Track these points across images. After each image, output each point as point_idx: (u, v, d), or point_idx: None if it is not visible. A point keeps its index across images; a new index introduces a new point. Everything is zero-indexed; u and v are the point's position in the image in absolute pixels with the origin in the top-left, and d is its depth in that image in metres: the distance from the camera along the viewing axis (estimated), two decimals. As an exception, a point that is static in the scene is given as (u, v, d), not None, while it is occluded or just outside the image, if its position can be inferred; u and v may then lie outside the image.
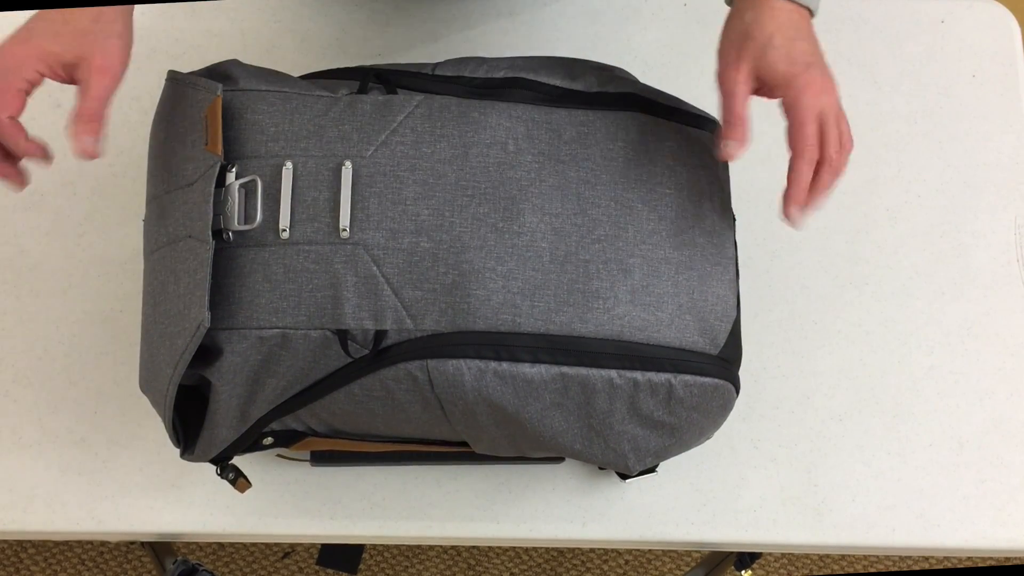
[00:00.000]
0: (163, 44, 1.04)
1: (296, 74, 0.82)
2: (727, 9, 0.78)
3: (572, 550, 1.63)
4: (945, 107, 1.05)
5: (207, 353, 0.73)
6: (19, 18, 1.04)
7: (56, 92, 1.03)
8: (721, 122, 0.73)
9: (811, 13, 0.75)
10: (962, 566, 1.43)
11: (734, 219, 0.81)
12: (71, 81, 0.74)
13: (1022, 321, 0.99)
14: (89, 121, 0.71)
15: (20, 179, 0.75)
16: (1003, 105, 1.05)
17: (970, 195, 1.02)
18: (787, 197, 0.72)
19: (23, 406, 0.94)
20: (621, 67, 0.84)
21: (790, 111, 0.72)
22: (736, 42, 0.73)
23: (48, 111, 1.02)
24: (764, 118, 1.01)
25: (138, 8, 1.05)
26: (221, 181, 0.72)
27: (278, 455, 0.92)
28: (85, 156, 0.71)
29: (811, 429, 0.95)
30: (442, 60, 0.80)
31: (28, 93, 0.73)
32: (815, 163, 0.73)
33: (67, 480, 0.92)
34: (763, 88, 0.74)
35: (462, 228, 0.72)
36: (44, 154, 0.74)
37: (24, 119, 1.03)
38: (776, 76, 0.72)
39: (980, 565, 1.23)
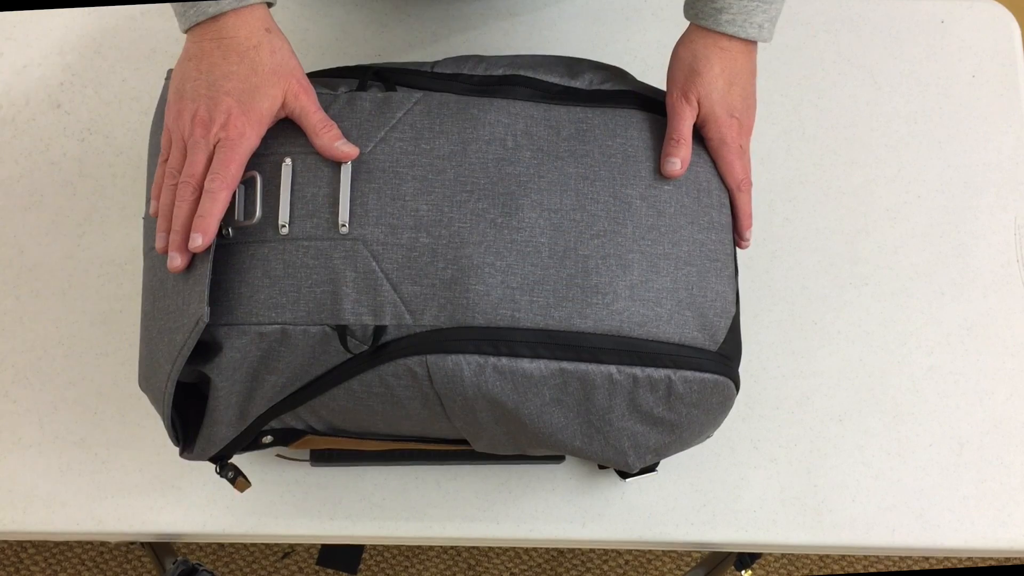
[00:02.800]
0: (163, 44, 1.04)
1: (296, 74, 0.82)
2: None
3: (572, 550, 1.63)
4: (945, 107, 1.05)
5: (206, 349, 0.73)
6: (21, 17, 1.04)
7: (56, 92, 1.03)
8: (666, 140, 0.78)
9: (758, 42, 0.80)
10: (962, 566, 1.43)
11: (732, 216, 0.81)
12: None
13: (1022, 321, 0.99)
14: (330, 128, 0.73)
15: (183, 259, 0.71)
16: (1003, 105, 1.05)
17: (970, 195, 1.02)
18: (743, 228, 0.82)
19: (23, 406, 0.94)
20: (621, 66, 0.84)
21: (719, 148, 0.80)
22: (685, 72, 0.79)
23: (48, 111, 1.02)
24: (764, 118, 1.02)
25: (138, 8, 1.06)
26: None
27: (277, 455, 0.92)
28: (348, 158, 0.73)
29: (811, 429, 0.95)
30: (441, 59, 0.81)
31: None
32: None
33: (67, 480, 0.92)
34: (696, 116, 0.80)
35: (461, 224, 0.72)
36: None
37: (24, 119, 1.04)
38: (711, 116, 0.79)
39: (980, 565, 1.23)
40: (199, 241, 0.69)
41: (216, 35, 0.73)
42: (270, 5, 0.77)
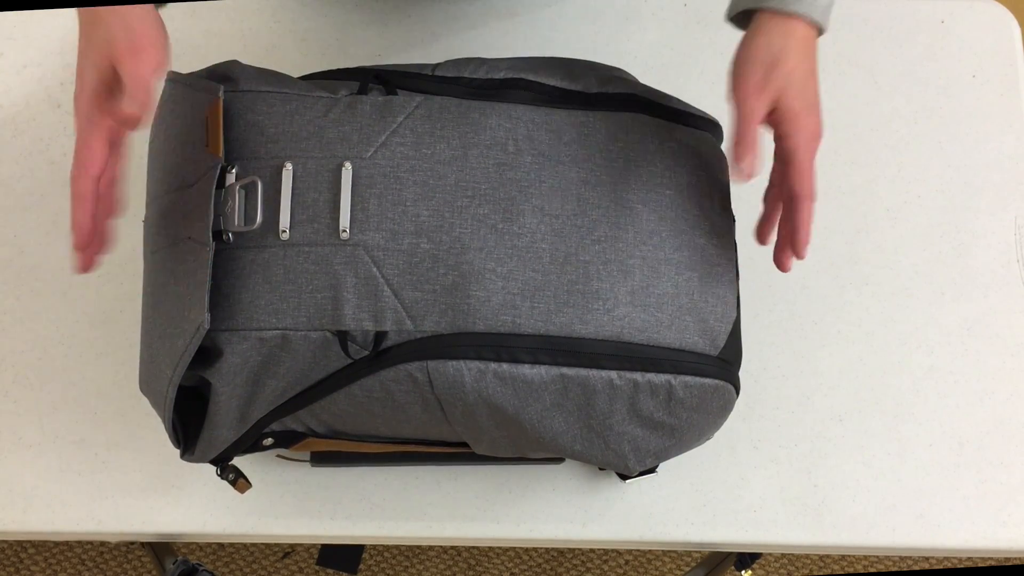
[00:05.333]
0: (163, 44, 1.04)
1: (296, 75, 0.82)
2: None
3: (572, 550, 1.63)
4: (945, 107, 1.05)
5: (207, 354, 0.73)
6: (21, 17, 1.04)
7: (56, 92, 1.03)
8: (735, 141, 0.72)
9: (820, 31, 0.75)
10: (962, 566, 1.43)
11: (734, 220, 0.81)
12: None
13: (1022, 321, 0.99)
14: (134, 95, 0.69)
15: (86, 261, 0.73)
16: (1003, 105, 1.05)
17: (970, 195, 1.02)
18: (799, 242, 0.74)
19: (23, 406, 0.94)
20: (621, 67, 0.84)
21: (794, 152, 0.73)
22: (763, 65, 0.73)
23: (48, 111, 1.02)
24: (764, 118, 1.01)
25: (138, 8, 1.05)
26: (221, 182, 0.72)
27: (278, 456, 0.92)
28: (130, 127, 0.69)
29: (811, 429, 0.95)
30: (442, 61, 0.80)
31: (111, 140, 0.73)
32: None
33: (67, 480, 0.92)
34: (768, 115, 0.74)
35: (462, 229, 0.72)
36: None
37: (24, 119, 1.04)
38: (788, 113, 0.73)
39: (980, 565, 1.23)
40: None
41: None
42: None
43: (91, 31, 0.72)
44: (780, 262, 0.78)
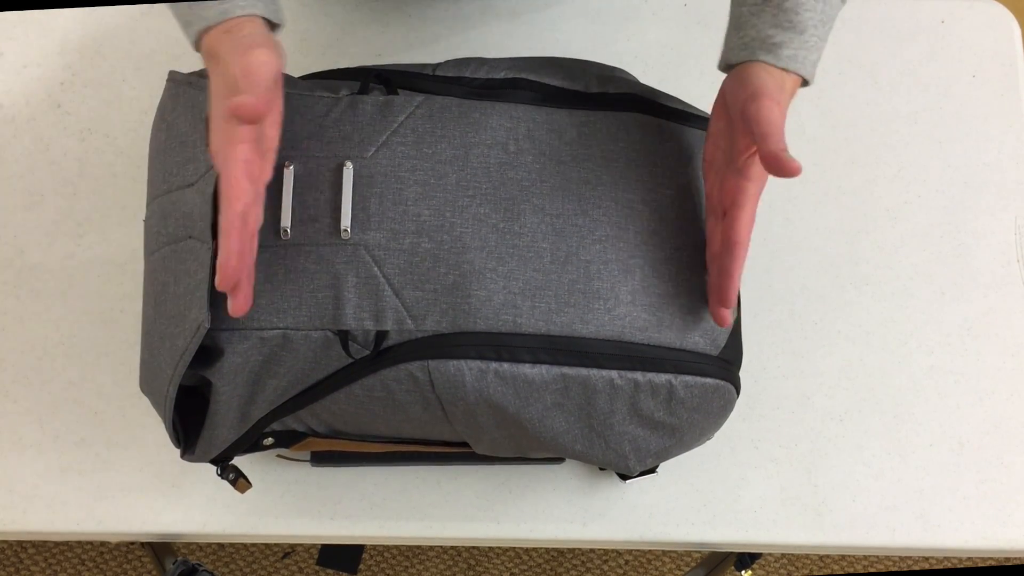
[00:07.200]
0: (163, 44, 1.04)
1: (296, 74, 0.82)
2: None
3: (572, 550, 1.63)
4: (945, 107, 1.05)
5: (208, 354, 0.73)
6: (21, 17, 1.04)
7: (56, 92, 1.03)
8: (777, 157, 0.64)
9: (805, 84, 0.72)
10: (962, 566, 1.43)
11: (734, 220, 0.81)
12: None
13: (1022, 321, 0.99)
14: (244, 87, 0.63)
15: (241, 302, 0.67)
16: (1003, 105, 1.05)
17: (970, 195, 1.02)
18: (728, 293, 0.71)
19: (23, 406, 0.94)
20: (621, 67, 0.84)
21: (749, 199, 0.70)
22: (778, 84, 0.69)
23: (48, 111, 1.02)
24: (764, 118, 1.01)
25: (138, 8, 1.06)
26: None
27: (278, 455, 0.92)
28: (246, 119, 0.62)
29: (811, 429, 0.95)
30: (443, 61, 0.81)
31: (250, 175, 0.66)
32: None
33: (67, 480, 0.92)
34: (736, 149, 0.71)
35: (463, 228, 0.72)
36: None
37: (24, 119, 1.04)
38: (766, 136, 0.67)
39: (980, 565, 1.23)
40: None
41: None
42: (275, 26, 0.72)
43: (213, 68, 0.67)
44: (722, 318, 0.73)
